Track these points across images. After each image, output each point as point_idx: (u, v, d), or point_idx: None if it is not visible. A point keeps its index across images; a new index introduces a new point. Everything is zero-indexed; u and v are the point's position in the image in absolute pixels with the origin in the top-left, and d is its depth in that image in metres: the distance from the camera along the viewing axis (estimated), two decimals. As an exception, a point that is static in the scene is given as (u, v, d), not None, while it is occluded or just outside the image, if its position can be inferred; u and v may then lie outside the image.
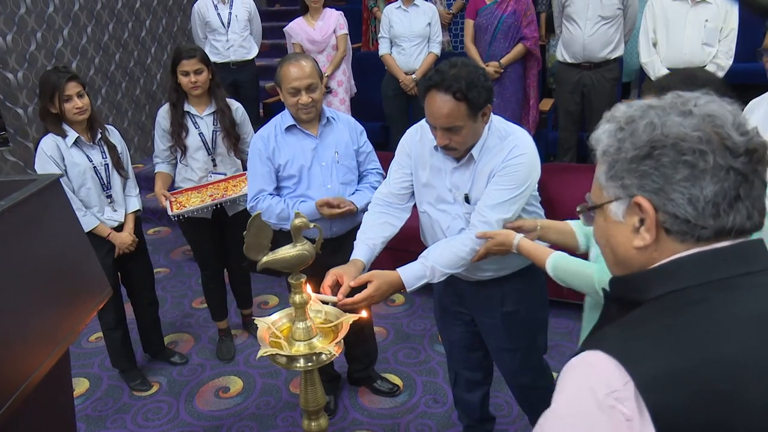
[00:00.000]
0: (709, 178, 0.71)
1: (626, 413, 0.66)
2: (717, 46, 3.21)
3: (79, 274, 1.28)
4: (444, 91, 1.52)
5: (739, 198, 0.72)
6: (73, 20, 4.81)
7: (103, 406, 2.74)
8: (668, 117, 0.73)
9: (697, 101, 0.74)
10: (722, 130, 0.71)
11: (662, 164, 0.72)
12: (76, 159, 2.46)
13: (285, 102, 2.21)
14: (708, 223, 0.72)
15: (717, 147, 0.71)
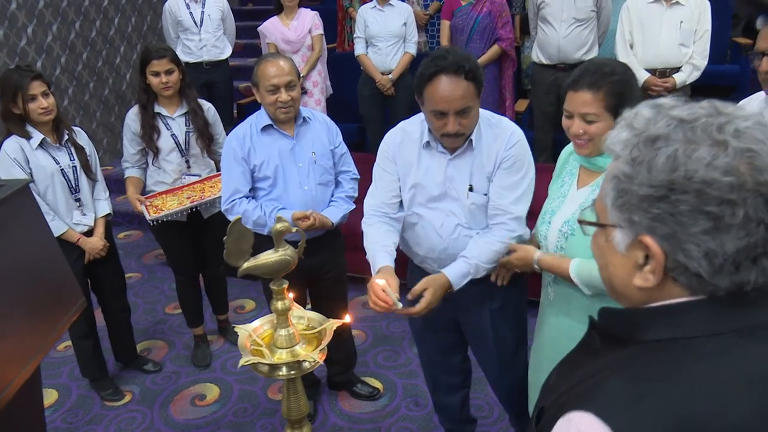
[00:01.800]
0: (734, 232, 0.59)
1: None
2: (692, 46, 3.28)
3: (51, 284, 1.22)
4: (454, 73, 1.53)
5: (764, 254, 0.60)
6: (38, 18, 4.65)
7: (74, 417, 2.65)
8: (697, 150, 0.60)
9: (738, 125, 0.60)
10: (762, 175, 0.58)
11: (679, 212, 0.60)
12: (41, 161, 2.37)
13: (262, 101, 2.17)
14: (723, 282, 0.62)
15: (750, 195, 0.58)
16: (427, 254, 1.82)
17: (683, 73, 3.29)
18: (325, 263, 2.35)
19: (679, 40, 3.26)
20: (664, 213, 0.61)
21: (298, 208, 2.20)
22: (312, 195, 2.23)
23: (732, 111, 0.63)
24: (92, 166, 2.55)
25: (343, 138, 2.42)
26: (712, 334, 0.62)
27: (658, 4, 3.28)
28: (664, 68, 3.31)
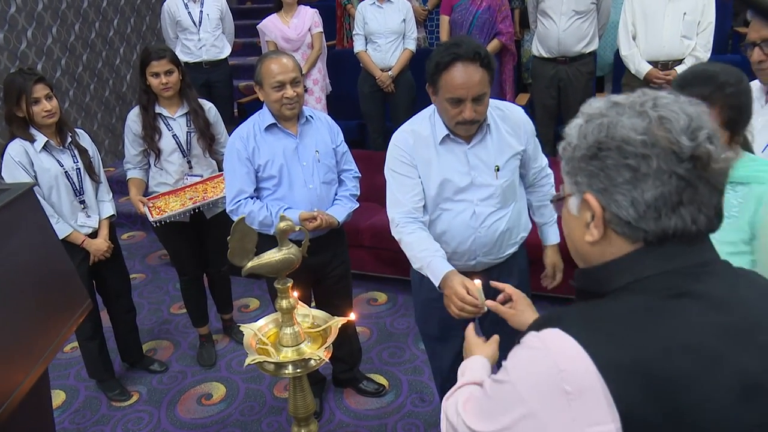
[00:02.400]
0: (651, 182, 0.71)
1: (570, 391, 0.68)
2: (695, 38, 3.26)
3: (57, 286, 1.23)
4: (471, 61, 1.57)
5: (681, 203, 0.72)
6: (37, 20, 4.65)
7: (81, 418, 2.66)
8: (621, 118, 0.73)
9: (658, 101, 0.74)
10: (671, 134, 0.71)
11: (607, 166, 0.73)
12: (45, 164, 2.38)
13: (267, 99, 2.16)
14: (649, 227, 0.73)
15: (662, 151, 0.71)
16: (457, 248, 1.81)
17: (685, 65, 3.28)
18: (329, 261, 2.36)
19: (682, 32, 3.24)
20: (596, 169, 0.75)
21: (303, 207, 2.20)
22: (317, 193, 2.23)
23: (657, 93, 0.76)
24: (95, 167, 2.56)
25: (344, 135, 2.42)
26: (661, 272, 0.73)
27: None
28: (667, 60, 3.30)
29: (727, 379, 0.68)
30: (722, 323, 0.71)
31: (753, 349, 0.70)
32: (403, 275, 3.51)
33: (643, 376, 0.67)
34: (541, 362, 0.71)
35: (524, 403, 0.72)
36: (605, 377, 0.67)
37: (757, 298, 0.75)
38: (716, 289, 0.73)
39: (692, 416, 0.67)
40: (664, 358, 0.68)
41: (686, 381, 0.67)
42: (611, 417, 0.67)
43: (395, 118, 4.20)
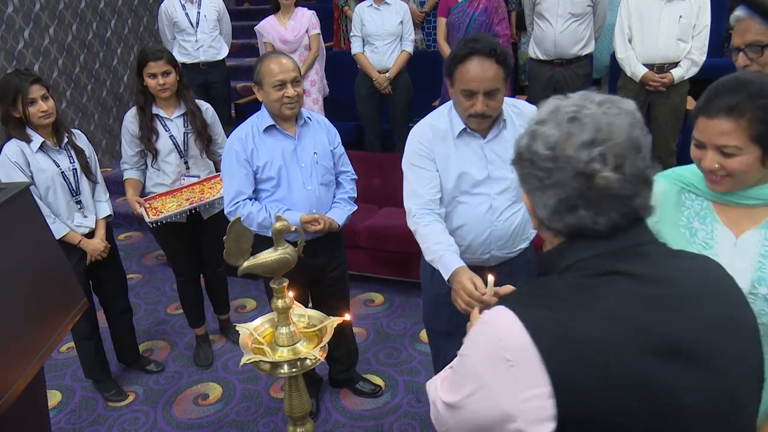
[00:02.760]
0: (553, 190, 0.81)
1: (510, 359, 0.76)
2: (691, 42, 3.28)
3: (53, 285, 1.23)
4: (486, 56, 1.63)
5: (578, 207, 0.81)
6: (34, 21, 4.65)
7: (77, 418, 2.66)
8: (543, 128, 0.83)
9: (579, 113, 0.81)
10: (572, 151, 0.79)
11: (525, 173, 0.85)
12: (42, 164, 2.38)
13: (267, 99, 2.15)
14: (557, 226, 0.84)
15: (563, 165, 0.80)
16: (472, 241, 1.84)
17: (681, 68, 3.30)
18: (327, 263, 2.36)
19: (678, 35, 3.26)
20: (521, 174, 0.86)
21: (302, 208, 2.20)
22: (315, 195, 2.24)
23: (587, 102, 0.83)
24: (92, 168, 2.56)
25: (341, 137, 2.43)
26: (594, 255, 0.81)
27: None
28: (663, 63, 3.32)
29: (652, 346, 0.75)
30: (649, 295, 0.78)
31: (680, 318, 0.78)
32: (400, 276, 3.53)
33: (571, 342, 0.75)
34: (485, 335, 0.81)
35: (477, 373, 0.81)
36: (537, 344, 0.75)
37: (688, 275, 0.83)
38: (644, 267, 0.80)
39: (619, 380, 0.74)
40: (591, 326, 0.75)
41: (611, 347, 0.74)
42: (543, 381, 0.74)
43: (392, 120, 4.21)
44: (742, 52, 1.56)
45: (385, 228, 3.44)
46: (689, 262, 0.87)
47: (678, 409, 0.76)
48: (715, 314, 0.80)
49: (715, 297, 0.82)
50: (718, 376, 0.78)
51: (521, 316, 0.78)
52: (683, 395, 0.76)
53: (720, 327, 0.80)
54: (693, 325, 0.78)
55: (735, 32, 1.59)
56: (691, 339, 0.77)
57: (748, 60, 1.55)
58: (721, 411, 0.78)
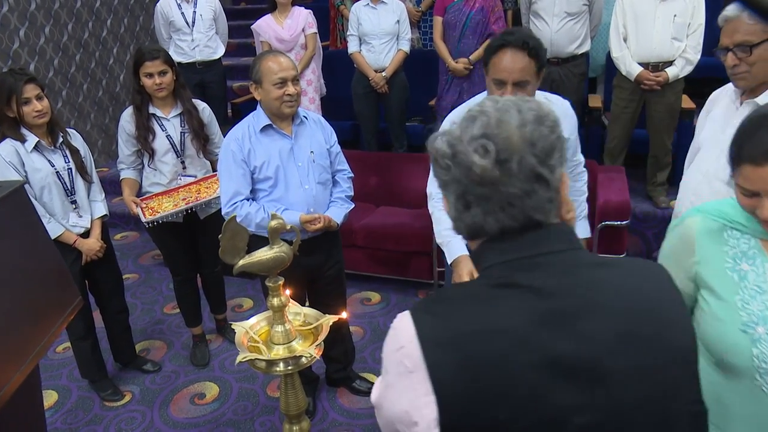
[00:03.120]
0: (452, 188, 0.82)
1: (408, 365, 0.77)
2: (685, 41, 3.28)
3: (48, 284, 1.23)
4: (519, 48, 1.69)
5: (470, 204, 0.81)
6: (30, 20, 4.64)
7: (74, 418, 2.66)
8: (452, 127, 0.83)
9: (479, 111, 0.82)
10: (463, 146, 0.80)
11: (435, 171, 0.85)
12: (37, 164, 2.37)
13: (267, 97, 2.14)
14: (460, 226, 0.84)
15: (459, 162, 0.80)
16: None
17: (676, 67, 3.30)
18: (323, 262, 2.37)
19: (673, 34, 3.27)
20: (435, 173, 0.85)
21: (299, 207, 2.21)
22: (313, 194, 2.24)
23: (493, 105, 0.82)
24: (87, 167, 2.55)
25: (337, 136, 2.43)
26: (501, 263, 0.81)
27: None
28: (657, 62, 3.32)
29: (537, 362, 0.73)
30: (540, 311, 0.76)
31: (569, 334, 0.75)
32: (397, 275, 3.53)
33: (457, 353, 0.74)
34: (390, 340, 0.82)
35: (387, 374, 0.82)
36: (423, 352, 0.75)
37: (587, 287, 0.79)
38: (543, 279, 0.78)
39: (502, 396, 0.73)
40: (478, 339, 0.75)
41: (496, 361, 0.74)
42: (431, 393, 0.74)
43: (389, 119, 4.21)
44: (731, 51, 1.57)
45: (381, 227, 3.44)
46: (600, 272, 0.81)
47: (566, 428, 0.73)
48: (612, 330, 0.76)
49: (617, 311, 0.77)
50: (607, 395, 0.74)
51: (417, 324, 0.78)
52: (571, 414, 0.73)
53: (616, 344, 0.75)
54: (582, 342, 0.75)
55: (723, 32, 1.59)
56: (580, 356, 0.74)
57: (737, 60, 1.56)
58: (612, 430, 0.75)
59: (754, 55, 1.53)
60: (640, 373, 0.76)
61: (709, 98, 1.86)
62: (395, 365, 0.80)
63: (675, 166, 3.83)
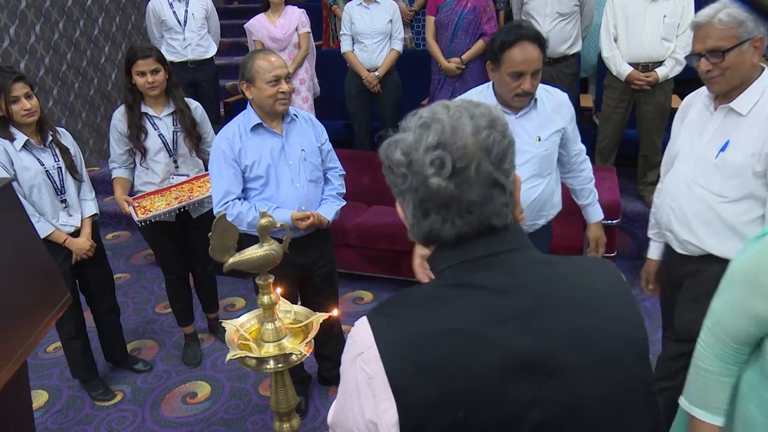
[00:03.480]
0: (409, 196, 0.81)
1: (367, 371, 0.76)
2: (675, 41, 3.31)
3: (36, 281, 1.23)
4: (532, 41, 1.83)
5: (428, 212, 0.80)
6: (20, 18, 4.61)
7: (64, 418, 2.64)
8: (404, 135, 0.82)
9: (431, 118, 0.81)
10: (419, 155, 0.79)
11: (391, 179, 0.84)
12: (26, 163, 2.36)
13: (260, 95, 2.13)
14: (417, 233, 0.84)
15: (416, 172, 0.79)
16: None
17: (666, 67, 3.33)
18: (315, 260, 2.37)
19: (662, 35, 3.29)
20: (389, 180, 0.84)
21: (291, 205, 2.21)
22: (304, 192, 2.24)
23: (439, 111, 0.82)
24: (77, 166, 2.54)
25: (330, 135, 2.43)
26: (454, 264, 0.81)
27: None
28: (647, 62, 3.35)
29: (495, 359, 0.74)
30: (495, 309, 0.77)
31: (525, 331, 0.75)
32: (389, 274, 3.54)
33: (416, 355, 0.74)
34: (348, 349, 0.81)
35: (344, 388, 0.81)
36: (381, 356, 0.75)
37: (539, 285, 0.80)
38: (495, 278, 0.79)
39: (462, 394, 0.73)
40: (434, 340, 0.74)
41: (453, 360, 0.74)
42: (390, 396, 0.74)
43: (382, 118, 4.22)
44: (703, 57, 1.57)
45: (374, 226, 3.45)
46: (551, 269, 0.82)
47: (524, 423, 0.74)
48: (565, 326, 0.77)
49: (570, 307, 0.79)
50: (563, 390, 0.75)
51: (374, 328, 0.78)
52: (528, 409, 0.74)
53: (570, 339, 0.76)
54: (537, 338, 0.76)
55: (695, 38, 1.60)
56: (535, 352, 0.75)
57: (710, 65, 1.57)
58: (572, 426, 0.76)
59: (727, 60, 1.54)
60: (595, 367, 0.77)
61: (682, 103, 1.88)
62: (354, 374, 0.79)
63: (665, 165, 3.86)
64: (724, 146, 1.63)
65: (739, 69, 1.56)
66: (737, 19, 1.52)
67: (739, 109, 1.61)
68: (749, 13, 1.53)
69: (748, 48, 1.55)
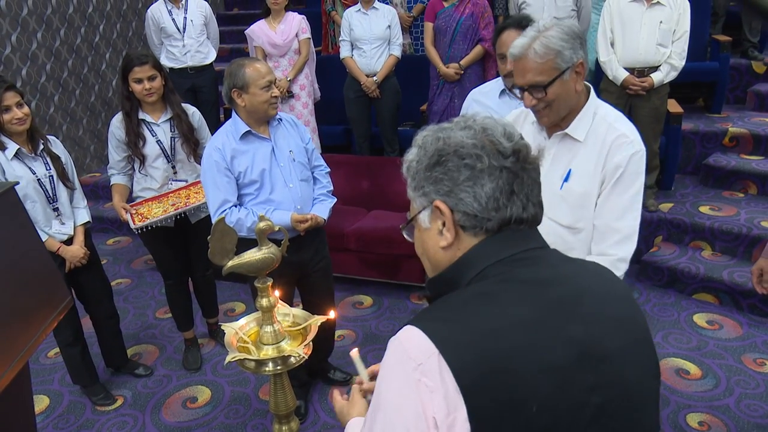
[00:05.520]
0: (486, 177, 0.82)
1: (430, 385, 0.72)
2: (671, 47, 3.34)
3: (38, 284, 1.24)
4: (516, 28, 1.93)
5: (513, 192, 0.83)
6: (22, 25, 4.64)
7: (65, 423, 2.65)
8: (452, 132, 0.86)
9: (476, 118, 0.88)
10: (494, 137, 0.84)
11: (449, 169, 0.83)
12: (17, 172, 2.36)
13: (253, 101, 2.17)
14: (492, 215, 0.83)
15: (490, 151, 0.83)
16: None
17: (661, 72, 3.35)
18: (311, 257, 2.42)
19: (658, 40, 3.32)
20: (440, 174, 0.84)
21: (287, 206, 2.26)
22: (298, 192, 2.29)
23: (474, 115, 0.89)
24: (69, 174, 2.55)
25: (330, 140, 2.49)
26: (493, 262, 0.83)
27: (638, 4, 3.34)
28: (643, 67, 3.37)
29: (557, 349, 0.76)
30: (545, 300, 0.79)
31: (575, 320, 0.79)
32: (389, 278, 3.55)
33: (482, 354, 0.73)
34: (398, 361, 0.76)
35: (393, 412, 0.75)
36: (448, 360, 0.72)
37: (574, 278, 0.85)
38: (538, 272, 0.82)
39: (532, 387, 0.72)
40: (499, 335, 0.74)
41: (520, 353, 0.74)
42: (460, 400, 0.71)
43: (381, 124, 4.24)
44: (526, 91, 1.50)
45: (373, 231, 3.46)
46: (573, 265, 0.88)
47: (586, 409, 0.76)
48: (605, 313, 0.82)
49: (601, 297, 0.84)
50: (614, 373, 0.79)
51: (430, 334, 0.75)
52: (589, 394, 0.76)
53: (611, 325, 0.82)
54: (588, 325, 0.79)
55: (515, 72, 1.52)
56: (588, 338, 0.78)
57: (535, 100, 1.49)
58: (624, 407, 0.79)
59: (550, 93, 1.47)
60: (633, 351, 0.82)
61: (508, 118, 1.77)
62: (409, 390, 0.73)
63: (663, 169, 3.88)
64: (567, 176, 1.57)
65: (564, 99, 1.49)
66: (553, 49, 1.43)
67: (576, 135, 1.55)
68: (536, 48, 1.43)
69: (569, 77, 1.47)
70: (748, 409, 2.47)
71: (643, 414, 0.82)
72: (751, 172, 3.79)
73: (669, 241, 3.62)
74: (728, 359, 2.78)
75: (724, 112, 4.41)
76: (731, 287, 3.17)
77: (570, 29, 1.46)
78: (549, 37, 1.43)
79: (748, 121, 4.19)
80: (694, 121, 4.25)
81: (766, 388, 2.58)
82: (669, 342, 2.94)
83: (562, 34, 1.44)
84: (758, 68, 4.52)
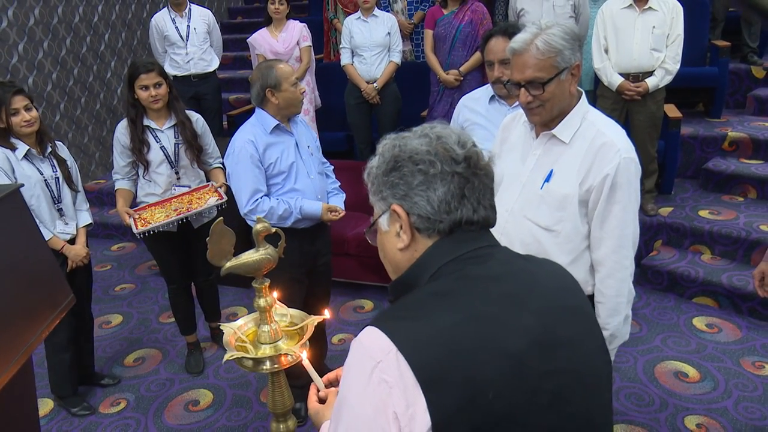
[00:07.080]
0: (439, 181, 0.86)
1: (389, 381, 0.75)
2: (665, 51, 3.36)
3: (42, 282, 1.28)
4: (502, 35, 2.04)
5: (464, 196, 0.87)
6: (29, 35, 4.72)
7: (69, 425, 2.68)
8: (409, 140, 0.90)
9: (434, 127, 0.92)
10: (447, 145, 0.88)
11: (404, 174, 0.88)
12: (27, 171, 2.45)
13: (288, 97, 2.31)
14: (443, 218, 0.87)
15: (443, 157, 0.87)
16: None
17: (655, 77, 3.37)
18: (321, 247, 2.55)
19: (652, 45, 3.34)
20: (396, 179, 0.89)
21: (310, 196, 2.41)
22: (318, 183, 2.45)
23: (433, 125, 0.93)
24: (74, 177, 2.64)
25: (331, 146, 2.60)
26: (449, 260, 0.87)
27: (631, 10, 3.37)
28: (637, 73, 3.40)
29: (512, 339, 0.79)
30: (499, 294, 0.83)
31: (528, 311, 0.83)
32: (388, 283, 3.56)
33: (441, 348, 0.76)
34: (358, 361, 0.79)
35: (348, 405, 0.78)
36: (406, 356, 0.75)
37: (524, 273, 0.89)
38: (490, 268, 0.87)
39: (489, 379, 0.75)
40: (456, 330, 0.78)
41: (479, 345, 0.77)
42: (419, 393, 0.73)
43: (381, 130, 4.28)
44: (523, 88, 1.49)
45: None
46: (524, 261, 0.93)
47: (540, 395, 0.79)
48: (557, 304, 0.87)
49: (552, 290, 0.89)
50: (566, 360, 0.83)
51: (389, 333, 0.77)
52: (543, 381, 0.79)
53: (563, 315, 0.86)
54: (540, 316, 0.83)
55: (513, 66, 1.51)
56: (541, 328, 0.82)
57: (531, 97, 1.48)
58: (579, 392, 0.83)
59: (547, 91, 1.47)
60: (585, 338, 0.88)
61: (502, 124, 1.81)
62: (371, 393, 0.76)
63: (663, 173, 3.90)
64: (549, 176, 1.57)
65: (558, 99, 1.50)
66: (555, 47, 1.44)
67: (562, 137, 1.55)
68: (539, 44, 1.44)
69: (566, 77, 1.48)
70: (746, 412, 2.47)
71: (597, 397, 0.87)
72: (750, 176, 3.81)
73: (668, 244, 3.64)
74: (727, 362, 2.79)
75: (723, 116, 4.43)
76: (730, 291, 3.18)
77: (570, 30, 1.49)
78: (551, 35, 1.45)
79: (747, 125, 4.21)
80: (694, 125, 4.27)
81: (764, 391, 2.59)
82: (668, 345, 2.96)
83: (564, 33, 1.46)
84: (758, 73, 4.55)
